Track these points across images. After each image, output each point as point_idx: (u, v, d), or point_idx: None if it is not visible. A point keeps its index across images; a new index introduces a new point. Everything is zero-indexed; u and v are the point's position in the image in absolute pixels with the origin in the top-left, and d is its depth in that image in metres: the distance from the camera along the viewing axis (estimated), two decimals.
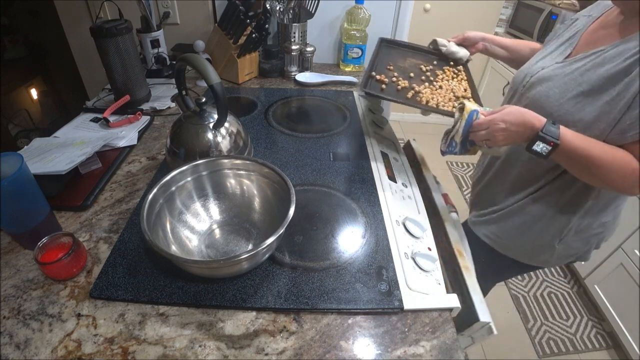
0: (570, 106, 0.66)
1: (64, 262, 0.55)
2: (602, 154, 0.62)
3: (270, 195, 0.67)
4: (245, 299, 0.55)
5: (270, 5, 1.19)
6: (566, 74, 0.68)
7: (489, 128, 0.66)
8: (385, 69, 0.96)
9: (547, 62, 0.75)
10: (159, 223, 0.59)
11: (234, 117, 0.78)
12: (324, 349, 0.50)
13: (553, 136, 0.62)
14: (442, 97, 0.86)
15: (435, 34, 1.12)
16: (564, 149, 0.62)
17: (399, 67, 0.99)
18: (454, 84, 0.93)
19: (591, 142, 0.63)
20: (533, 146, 0.63)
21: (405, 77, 0.94)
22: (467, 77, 0.98)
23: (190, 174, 0.66)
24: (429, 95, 0.86)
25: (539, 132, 0.62)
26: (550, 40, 0.82)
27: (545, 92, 0.70)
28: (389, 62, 0.99)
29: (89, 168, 0.80)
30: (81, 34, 1.42)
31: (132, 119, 0.98)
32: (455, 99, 0.86)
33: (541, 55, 0.79)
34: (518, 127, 0.64)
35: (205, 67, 0.65)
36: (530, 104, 0.73)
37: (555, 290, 1.74)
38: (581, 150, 0.62)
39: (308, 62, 1.32)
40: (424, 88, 0.89)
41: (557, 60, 0.73)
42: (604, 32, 0.68)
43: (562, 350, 1.50)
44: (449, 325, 0.55)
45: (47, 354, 0.48)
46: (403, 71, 0.97)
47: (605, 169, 0.62)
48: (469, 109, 0.69)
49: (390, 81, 0.91)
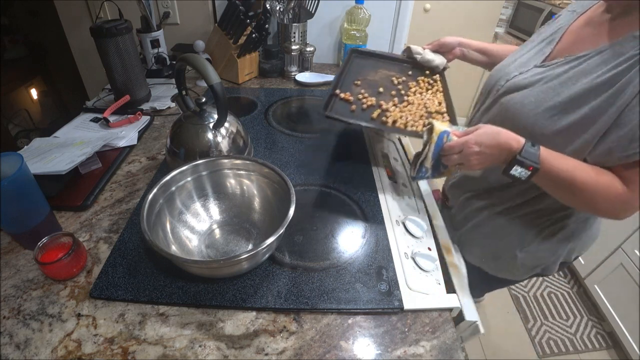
0: (545, 118, 0.61)
1: (64, 262, 0.55)
2: (586, 178, 0.57)
3: (270, 195, 0.67)
4: (245, 299, 0.55)
5: (270, 5, 1.19)
6: (544, 82, 0.63)
7: (462, 151, 0.60)
8: (353, 84, 0.89)
9: (525, 63, 0.70)
10: (159, 223, 0.59)
11: (234, 117, 0.78)
12: (324, 349, 0.50)
13: (532, 159, 0.56)
14: (412, 115, 0.79)
15: (435, 34, 1.10)
16: (544, 172, 0.57)
17: (369, 81, 0.91)
18: (427, 97, 0.85)
19: (574, 165, 0.58)
20: (511, 170, 0.58)
21: (374, 93, 0.86)
22: (443, 88, 0.91)
23: (190, 174, 0.66)
24: (397, 113, 0.78)
25: (516, 156, 0.57)
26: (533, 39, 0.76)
27: (520, 100, 0.65)
28: (358, 76, 0.92)
29: (89, 168, 0.80)
30: (81, 34, 1.42)
31: (132, 119, 0.98)
32: (428, 115, 0.80)
33: (519, 53, 0.74)
34: (493, 150, 0.58)
35: (205, 67, 0.65)
36: (503, 111, 0.68)
37: (555, 290, 1.74)
38: (563, 174, 0.57)
39: (308, 62, 1.33)
40: (392, 105, 0.81)
41: (535, 62, 0.67)
42: (589, 30, 0.63)
43: (562, 350, 1.50)
44: (449, 325, 0.55)
45: (47, 354, 0.48)
46: (372, 85, 0.89)
47: (589, 193, 0.57)
48: (438, 130, 0.62)
49: (356, 98, 0.83)
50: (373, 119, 0.78)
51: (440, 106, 0.83)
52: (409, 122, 0.76)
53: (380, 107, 0.80)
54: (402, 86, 0.90)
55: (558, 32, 0.68)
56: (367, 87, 0.88)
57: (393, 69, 0.97)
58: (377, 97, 0.84)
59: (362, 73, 0.94)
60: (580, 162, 0.59)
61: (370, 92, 0.86)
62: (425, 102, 0.83)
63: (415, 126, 0.75)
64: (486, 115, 0.74)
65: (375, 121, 0.78)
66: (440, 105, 0.83)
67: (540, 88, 0.62)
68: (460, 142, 0.60)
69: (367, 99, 0.83)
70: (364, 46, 1.36)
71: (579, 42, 0.63)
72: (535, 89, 0.63)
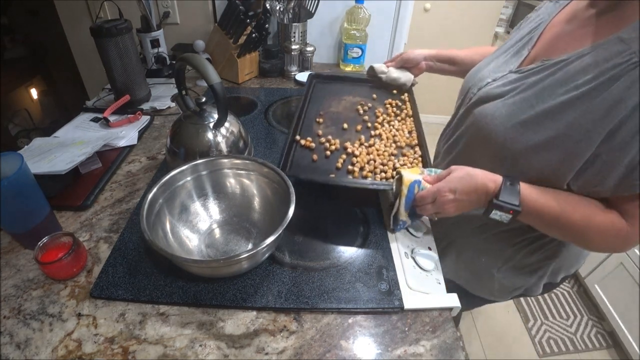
0: (516, 133, 0.55)
1: (64, 261, 0.55)
2: (576, 217, 0.51)
3: (270, 194, 0.67)
4: (245, 298, 0.55)
5: (270, 5, 1.19)
6: (518, 92, 0.56)
7: (436, 201, 0.56)
8: (315, 121, 0.82)
9: (500, 67, 0.64)
10: (158, 223, 0.59)
11: (234, 116, 0.78)
12: (324, 348, 0.50)
13: (511, 202, 0.52)
14: (380, 156, 0.73)
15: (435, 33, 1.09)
16: (527, 213, 0.53)
17: (332, 115, 0.84)
18: (396, 127, 0.81)
19: (564, 202, 0.52)
20: (490, 214, 0.54)
21: (338, 130, 0.80)
22: (412, 110, 0.85)
23: (190, 174, 0.66)
24: (364, 157, 0.72)
25: (492, 200, 0.52)
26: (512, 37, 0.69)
27: (491, 112, 0.59)
28: (320, 108, 0.85)
29: (89, 168, 0.80)
30: (81, 34, 1.42)
31: (132, 118, 0.98)
32: (398, 152, 0.75)
33: (496, 54, 0.68)
34: (470, 195, 0.55)
35: (205, 66, 0.65)
36: (475, 123, 0.63)
37: (555, 290, 1.74)
38: (550, 213, 0.53)
39: (308, 62, 1.33)
40: (358, 144, 0.75)
41: (511, 66, 0.61)
42: (571, 28, 0.56)
43: (562, 349, 1.50)
44: (449, 324, 0.55)
45: (47, 354, 0.48)
46: (336, 120, 0.83)
47: (580, 232, 0.53)
48: (408, 182, 0.58)
49: (318, 143, 0.76)
50: (338, 168, 0.71)
51: (411, 136, 0.79)
52: (377, 168, 0.71)
53: (346, 150, 0.74)
54: (369, 115, 0.84)
55: (538, 27, 0.62)
56: (330, 123, 0.82)
57: (358, 93, 0.91)
58: (341, 137, 0.78)
59: (324, 104, 0.87)
60: (572, 198, 0.53)
61: (333, 131, 0.80)
62: (394, 135, 0.79)
63: (385, 170, 0.70)
64: (459, 128, 0.70)
65: (340, 172, 0.71)
66: (411, 135, 0.80)
67: (513, 99, 0.57)
68: (433, 191, 0.56)
69: (331, 142, 0.76)
70: (364, 46, 1.36)
71: (560, 41, 0.57)
72: (507, 100, 0.57)
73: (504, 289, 0.75)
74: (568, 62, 0.52)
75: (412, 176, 0.59)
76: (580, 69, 0.51)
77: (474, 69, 0.71)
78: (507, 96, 0.58)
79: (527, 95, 0.55)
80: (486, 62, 0.69)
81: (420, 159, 0.74)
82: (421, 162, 0.73)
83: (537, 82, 0.55)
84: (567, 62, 0.52)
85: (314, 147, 0.75)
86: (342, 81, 0.97)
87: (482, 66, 0.69)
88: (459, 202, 0.56)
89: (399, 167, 0.70)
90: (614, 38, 0.49)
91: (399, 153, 0.75)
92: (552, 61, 0.55)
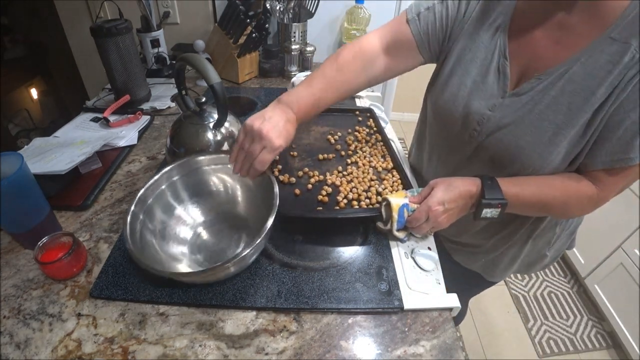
0: (547, 153, 0.56)
1: (64, 261, 0.55)
2: (556, 193, 0.56)
3: (252, 186, 0.66)
4: (245, 298, 0.55)
5: (270, 4, 1.19)
6: (531, 113, 0.56)
7: (429, 218, 0.57)
8: (289, 155, 0.80)
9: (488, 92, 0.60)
10: (144, 240, 0.57)
11: (234, 116, 0.78)
12: (324, 348, 0.50)
13: (497, 197, 0.55)
14: (361, 182, 0.72)
15: None
16: (512, 203, 0.56)
17: (304, 147, 0.82)
18: (370, 152, 0.81)
19: (539, 183, 0.57)
20: (481, 215, 0.57)
21: (315, 162, 0.78)
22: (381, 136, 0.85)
23: (166, 181, 0.64)
24: (346, 187, 0.71)
25: (481, 201, 0.55)
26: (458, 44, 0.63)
27: (514, 142, 0.58)
28: (293, 142, 0.77)
29: (89, 168, 0.80)
30: (81, 34, 1.42)
31: (132, 118, 0.98)
32: (377, 176, 0.74)
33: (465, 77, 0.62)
34: (458, 202, 0.57)
35: (205, 66, 0.65)
36: (497, 156, 0.61)
37: (555, 290, 1.74)
38: (531, 197, 0.57)
39: (308, 61, 1.33)
40: (337, 176, 0.74)
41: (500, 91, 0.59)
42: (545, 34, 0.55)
43: (562, 350, 1.50)
44: (449, 324, 0.55)
45: (47, 354, 0.48)
46: (310, 152, 0.80)
47: (560, 204, 0.57)
48: (397, 207, 0.59)
49: (297, 177, 0.74)
50: (322, 202, 0.69)
51: (386, 160, 0.79)
52: (361, 195, 0.70)
53: (327, 183, 0.72)
54: (341, 144, 0.84)
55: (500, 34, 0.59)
56: (305, 156, 0.80)
57: (325, 123, 0.91)
58: (319, 169, 0.76)
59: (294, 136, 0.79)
60: (544, 178, 0.57)
61: (310, 163, 0.78)
62: (370, 161, 0.79)
63: (370, 196, 0.69)
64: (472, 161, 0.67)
65: (327, 203, 0.68)
66: (386, 160, 0.80)
67: (532, 122, 0.56)
68: (424, 211, 0.57)
69: (310, 175, 0.74)
70: None
71: (543, 51, 0.56)
72: (524, 124, 0.57)
73: (552, 259, 0.81)
74: (571, 72, 0.52)
75: (399, 200, 0.60)
76: (588, 75, 0.51)
77: (451, 99, 0.64)
78: (520, 122, 0.57)
79: (546, 115, 0.55)
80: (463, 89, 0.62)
81: (400, 181, 0.74)
82: (402, 184, 0.73)
83: (549, 100, 0.54)
84: (570, 73, 0.52)
85: (294, 182, 0.73)
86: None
87: (460, 95, 0.63)
88: (449, 212, 0.57)
89: (381, 191, 0.70)
90: (605, 39, 0.49)
91: (378, 178, 0.74)
92: (552, 75, 0.54)
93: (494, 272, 0.82)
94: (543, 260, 0.79)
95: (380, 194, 0.70)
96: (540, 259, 0.79)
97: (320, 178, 0.74)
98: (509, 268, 0.80)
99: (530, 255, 0.78)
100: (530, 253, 0.77)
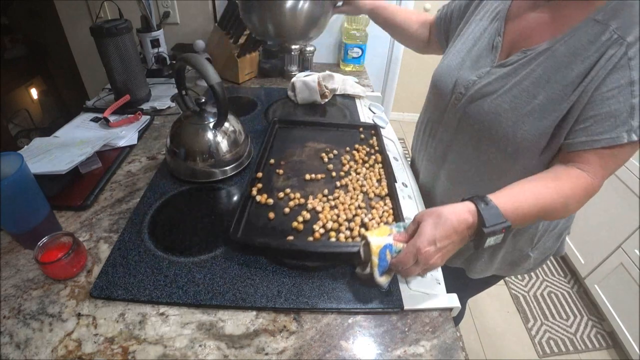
0: (526, 123, 0.57)
1: (64, 261, 0.55)
2: (553, 195, 0.53)
3: None
4: (245, 298, 0.55)
5: None
6: (514, 85, 0.58)
7: (419, 261, 0.49)
8: (275, 173, 0.75)
9: (477, 63, 0.65)
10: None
11: (234, 116, 0.78)
12: (324, 348, 0.50)
13: (498, 222, 0.49)
14: (346, 210, 0.66)
15: None
16: (514, 221, 0.51)
17: (294, 164, 0.77)
18: (364, 174, 0.74)
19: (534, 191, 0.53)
20: (485, 245, 0.50)
21: (300, 182, 0.73)
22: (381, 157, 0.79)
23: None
24: (327, 215, 0.64)
25: (483, 230, 0.49)
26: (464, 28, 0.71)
27: (494, 110, 0.60)
28: (282, 158, 0.78)
29: (89, 168, 0.80)
30: (81, 34, 1.42)
31: (132, 118, 0.98)
32: (367, 203, 0.68)
33: (463, 49, 0.68)
34: (451, 238, 0.49)
35: (205, 66, 0.65)
36: (477, 124, 0.63)
37: (555, 290, 1.75)
38: (531, 209, 0.52)
39: (308, 61, 1.33)
40: (321, 201, 0.67)
41: (490, 62, 0.63)
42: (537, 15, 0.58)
43: (562, 350, 1.50)
44: (449, 324, 0.55)
45: (47, 354, 0.48)
46: (297, 170, 0.76)
47: (561, 207, 0.54)
48: (377, 249, 0.51)
49: (277, 198, 0.68)
50: (297, 230, 0.62)
51: (380, 186, 0.72)
52: (342, 225, 0.63)
53: (307, 208, 0.66)
54: (334, 163, 0.78)
55: (498, 17, 0.64)
56: (291, 174, 0.75)
57: (323, 139, 0.86)
58: (303, 190, 0.71)
59: (286, 152, 0.80)
60: (535, 182, 0.55)
61: (295, 183, 0.73)
62: (362, 185, 0.72)
63: (352, 227, 0.63)
64: (457, 131, 0.69)
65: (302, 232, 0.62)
66: (381, 185, 0.72)
67: (512, 93, 0.58)
68: (411, 253, 0.49)
69: (291, 197, 0.68)
70: (364, 46, 1.36)
71: (532, 30, 0.59)
72: (506, 94, 0.59)
73: (538, 262, 0.80)
74: (554, 49, 0.55)
75: (381, 240, 0.51)
76: (569, 53, 0.54)
77: (446, 69, 0.70)
78: (501, 91, 0.60)
79: (525, 86, 0.57)
80: (457, 60, 0.69)
81: (391, 211, 0.67)
82: (392, 216, 0.66)
83: (530, 73, 0.57)
84: (553, 49, 0.55)
85: (271, 203, 0.67)
86: (306, 126, 0.91)
87: (454, 65, 0.69)
88: (443, 251, 0.50)
89: (367, 222, 0.64)
90: (589, 20, 0.52)
91: (367, 206, 0.68)
92: (536, 50, 0.57)
93: (475, 268, 0.81)
94: (527, 260, 0.78)
95: (365, 225, 0.63)
96: (523, 259, 0.78)
97: (301, 201, 0.68)
98: (489, 264, 0.80)
99: (512, 253, 0.77)
100: (513, 251, 0.77)
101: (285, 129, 0.91)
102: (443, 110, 0.72)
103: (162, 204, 0.71)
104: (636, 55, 0.49)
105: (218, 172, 0.76)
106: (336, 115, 1.08)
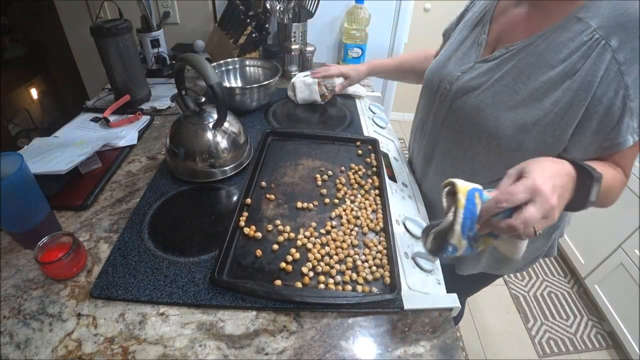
0: (507, 119, 0.57)
1: (64, 261, 0.55)
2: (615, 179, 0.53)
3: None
4: (245, 298, 0.55)
5: (270, 4, 1.19)
6: (496, 80, 0.59)
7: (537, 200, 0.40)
8: (265, 198, 0.70)
9: (463, 59, 0.66)
10: None
11: (233, 116, 0.78)
12: (324, 348, 0.50)
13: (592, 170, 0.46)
14: (339, 246, 0.61)
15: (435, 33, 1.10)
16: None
17: (285, 188, 0.72)
18: (358, 203, 0.70)
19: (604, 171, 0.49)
20: (591, 197, 0.45)
21: (291, 211, 0.67)
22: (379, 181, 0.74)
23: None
24: (317, 253, 0.60)
25: (593, 175, 0.44)
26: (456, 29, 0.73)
27: (476, 105, 0.60)
28: (273, 179, 0.74)
29: (89, 168, 0.80)
30: (81, 34, 1.42)
31: (132, 118, 0.98)
32: (360, 239, 0.63)
33: (452, 47, 0.70)
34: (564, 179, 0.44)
35: (205, 67, 0.65)
36: (461, 119, 0.64)
37: (555, 290, 1.75)
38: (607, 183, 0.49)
39: (308, 61, 1.32)
40: (312, 235, 0.63)
41: (475, 57, 0.64)
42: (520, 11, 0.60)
43: (562, 350, 1.50)
44: (449, 324, 0.55)
45: (47, 354, 0.48)
46: (290, 195, 0.71)
47: (616, 191, 0.54)
48: (465, 190, 0.42)
49: (265, 231, 0.64)
50: (285, 271, 0.58)
51: (377, 218, 0.67)
52: (333, 269, 0.58)
53: (296, 244, 0.61)
54: (328, 187, 0.73)
55: (486, 15, 0.65)
56: (282, 201, 0.70)
57: (318, 155, 0.82)
58: (294, 221, 0.66)
59: (278, 171, 0.76)
60: (598, 163, 0.53)
61: (285, 211, 0.68)
62: (356, 217, 0.67)
63: (343, 270, 0.58)
64: (444, 127, 0.70)
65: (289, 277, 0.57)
66: (377, 217, 0.67)
67: (494, 88, 0.59)
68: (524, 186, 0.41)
69: (280, 230, 0.64)
70: (364, 46, 1.36)
71: (516, 26, 0.60)
72: (488, 90, 0.60)
73: (527, 261, 0.79)
74: (535, 45, 0.56)
75: (468, 184, 0.44)
76: (550, 49, 0.54)
77: (435, 66, 0.73)
78: (485, 86, 0.61)
79: (507, 82, 0.58)
80: (445, 57, 0.71)
81: (385, 251, 0.62)
82: (386, 257, 0.61)
83: (512, 68, 0.58)
84: (534, 45, 0.56)
85: (259, 237, 0.63)
86: (301, 139, 0.86)
87: (442, 61, 0.71)
88: (559, 191, 0.42)
89: (359, 265, 0.59)
90: (571, 18, 0.53)
91: (360, 243, 0.63)
92: (518, 46, 0.57)
93: (462, 264, 0.82)
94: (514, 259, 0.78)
95: (357, 269, 0.58)
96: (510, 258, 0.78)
97: (290, 235, 0.63)
98: (477, 260, 0.79)
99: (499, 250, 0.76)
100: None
101: (278, 142, 0.87)
102: (431, 107, 0.73)
103: (162, 204, 0.71)
104: (626, 60, 0.49)
105: (218, 172, 0.76)
106: (336, 115, 1.08)
